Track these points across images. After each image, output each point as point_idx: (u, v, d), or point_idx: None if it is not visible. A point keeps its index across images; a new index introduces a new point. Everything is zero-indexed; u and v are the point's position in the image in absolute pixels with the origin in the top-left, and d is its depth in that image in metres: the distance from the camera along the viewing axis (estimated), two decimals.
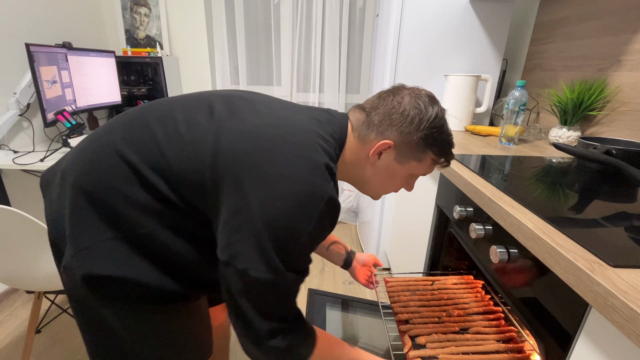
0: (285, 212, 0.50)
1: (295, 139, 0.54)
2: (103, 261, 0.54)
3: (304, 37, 2.17)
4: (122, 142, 0.55)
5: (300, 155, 0.53)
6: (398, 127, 0.61)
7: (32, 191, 1.72)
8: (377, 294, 0.98)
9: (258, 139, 0.53)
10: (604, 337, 0.43)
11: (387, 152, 0.63)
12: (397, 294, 0.94)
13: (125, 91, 2.24)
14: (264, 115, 0.57)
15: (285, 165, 0.51)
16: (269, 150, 0.52)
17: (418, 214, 1.29)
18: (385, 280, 1.01)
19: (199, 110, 0.57)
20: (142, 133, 0.55)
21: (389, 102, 0.62)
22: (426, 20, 1.44)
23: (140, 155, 0.54)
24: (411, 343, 0.76)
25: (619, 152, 0.85)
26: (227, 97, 0.60)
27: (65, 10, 1.89)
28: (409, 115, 0.60)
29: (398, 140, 0.61)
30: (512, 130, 1.18)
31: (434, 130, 0.61)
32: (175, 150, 0.53)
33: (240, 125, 0.55)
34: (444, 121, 0.63)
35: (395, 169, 0.65)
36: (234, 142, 0.52)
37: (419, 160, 0.64)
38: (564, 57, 1.32)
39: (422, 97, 0.62)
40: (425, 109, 0.61)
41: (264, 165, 0.51)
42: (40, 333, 1.40)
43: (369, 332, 1.01)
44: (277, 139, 0.53)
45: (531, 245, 0.55)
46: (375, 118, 0.62)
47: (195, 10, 2.21)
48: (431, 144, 0.62)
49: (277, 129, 0.55)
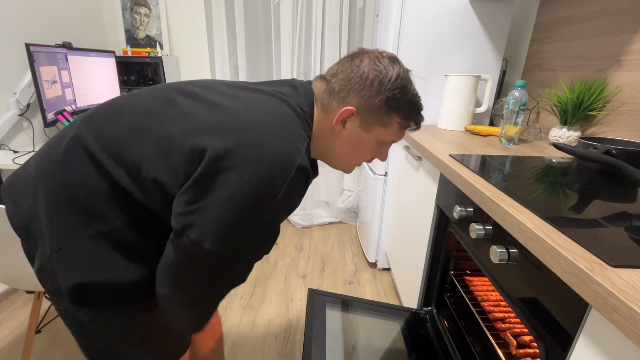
0: (251, 181, 0.48)
1: (279, 130, 0.52)
2: (78, 264, 0.52)
3: (304, 37, 2.17)
4: (88, 136, 0.53)
5: (283, 148, 0.51)
6: (358, 92, 0.58)
7: None
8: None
9: (241, 134, 0.50)
10: (604, 337, 0.43)
11: (350, 119, 0.61)
12: (484, 292, 0.94)
13: (125, 91, 2.24)
14: (236, 101, 0.55)
15: (266, 152, 0.50)
16: (255, 147, 0.49)
17: (418, 214, 1.29)
18: (467, 279, 1.03)
19: (160, 102, 0.55)
20: (108, 126, 0.54)
21: (347, 66, 0.60)
22: (426, 20, 1.44)
23: (103, 147, 0.52)
24: (515, 342, 0.77)
25: (619, 152, 0.85)
26: (188, 88, 0.58)
27: (65, 10, 1.89)
28: (367, 78, 0.58)
29: (360, 105, 0.59)
30: (512, 130, 1.18)
31: (396, 91, 0.59)
32: (144, 142, 0.51)
33: (218, 116, 0.52)
34: (407, 82, 0.60)
35: (361, 136, 0.63)
36: (215, 137, 0.49)
37: (384, 126, 0.62)
38: (564, 57, 1.32)
39: (382, 58, 0.60)
40: (385, 70, 0.58)
41: (247, 156, 0.49)
42: (40, 333, 1.40)
43: (369, 332, 1.01)
44: (260, 133, 0.51)
45: (531, 245, 0.55)
46: (335, 85, 0.60)
47: (195, 10, 2.21)
48: (395, 106, 0.60)
49: (257, 120, 0.52)
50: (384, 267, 1.92)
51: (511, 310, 0.93)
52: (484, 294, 1.03)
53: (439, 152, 1.05)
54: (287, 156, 0.50)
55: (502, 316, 0.94)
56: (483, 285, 1.07)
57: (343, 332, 0.99)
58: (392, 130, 0.63)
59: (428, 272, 1.16)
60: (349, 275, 1.87)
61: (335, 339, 0.96)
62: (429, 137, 1.30)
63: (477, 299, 1.02)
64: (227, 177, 0.48)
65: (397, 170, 1.64)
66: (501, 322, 0.93)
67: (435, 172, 1.13)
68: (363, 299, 1.14)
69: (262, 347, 1.37)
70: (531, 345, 0.84)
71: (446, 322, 1.09)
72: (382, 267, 1.91)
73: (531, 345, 0.84)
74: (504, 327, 0.91)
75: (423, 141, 1.21)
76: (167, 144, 0.50)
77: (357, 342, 0.96)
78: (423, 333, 1.05)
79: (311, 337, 0.93)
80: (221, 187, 0.48)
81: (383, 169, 1.68)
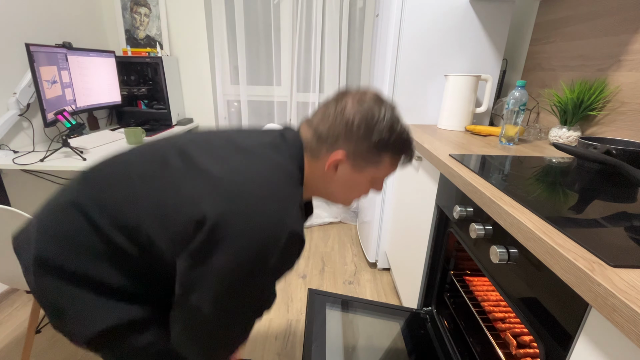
0: (244, 250, 0.49)
1: (270, 196, 0.52)
2: (91, 317, 0.54)
3: (304, 37, 2.17)
4: (88, 205, 0.54)
5: (276, 213, 0.51)
6: (346, 138, 0.59)
7: (32, 191, 1.72)
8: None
9: (234, 203, 0.50)
10: (604, 337, 0.43)
11: (342, 164, 0.62)
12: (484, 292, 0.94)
13: (125, 91, 2.24)
14: (228, 164, 0.55)
15: (260, 217, 0.51)
16: (247, 216, 0.50)
17: (418, 214, 1.29)
18: (467, 279, 1.03)
19: (155, 165, 0.57)
20: (107, 194, 0.55)
21: (332, 111, 0.60)
22: (426, 20, 1.44)
23: (102, 213, 0.54)
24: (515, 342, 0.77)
25: (619, 152, 0.85)
26: (182, 147, 0.59)
27: (65, 10, 1.89)
28: (354, 123, 0.58)
29: (349, 150, 0.60)
30: (512, 130, 1.18)
31: (383, 133, 0.59)
32: (142, 207, 0.53)
33: (211, 185, 0.52)
34: (393, 120, 0.60)
35: (354, 177, 0.64)
36: (209, 207, 0.50)
37: (376, 165, 0.62)
38: (564, 57, 1.32)
39: (366, 100, 0.60)
40: (371, 112, 0.59)
41: (239, 226, 0.50)
42: (40, 333, 1.40)
43: (369, 332, 1.01)
44: (252, 201, 0.51)
45: (531, 245, 0.55)
46: (322, 131, 0.60)
47: (195, 10, 2.21)
48: (384, 147, 0.60)
49: (249, 187, 0.52)
50: (384, 267, 1.92)
51: (511, 310, 0.93)
52: (484, 294, 1.03)
53: (439, 152, 1.05)
54: (279, 223, 0.51)
55: (502, 316, 0.94)
56: (483, 285, 1.07)
57: (343, 332, 0.99)
58: (384, 168, 0.64)
59: (428, 272, 1.16)
60: (349, 275, 1.87)
61: (335, 339, 0.96)
62: (429, 137, 1.30)
63: (477, 299, 1.02)
64: (221, 248, 0.49)
65: (397, 170, 1.64)
66: (501, 322, 0.93)
67: (435, 172, 1.13)
68: (363, 299, 1.14)
69: (262, 347, 1.37)
70: (531, 345, 0.84)
71: (446, 322, 1.09)
72: (382, 267, 1.91)
73: (531, 345, 0.84)
74: (504, 327, 0.91)
75: (423, 141, 1.21)
76: (164, 213, 0.52)
77: (357, 342, 0.96)
78: (423, 333, 1.05)
79: (311, 337, 0.93)
80: (216, 256, 0.49)
81: None
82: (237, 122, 2.49)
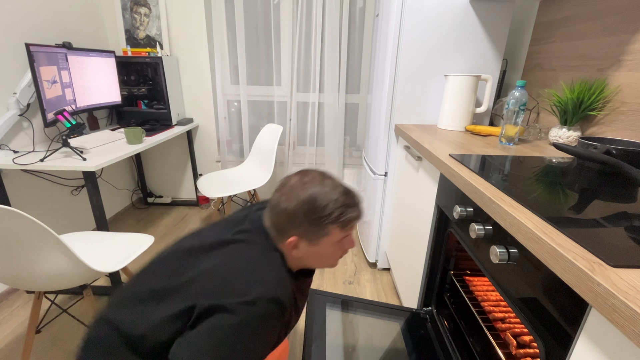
0: (227, 325, 0.60)
1: (248, 276, 0.65)
2: None
3: (304, 37, 2.17)
4: (114, 320, 0.69)
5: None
6: (293, 226, 0.69)
7: (32, 191, 1.72)
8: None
9: (220, 293, 0.63)
10: (604, 337, 0.43)
11: (299, 244, 0.71)
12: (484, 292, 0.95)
13: (125, 91, 2.24)
14: (210, 261, 0.68)
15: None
16: (229, 297, 0.62)
17: (418, 214, 1.29)
18: (467, 280, 1.05)
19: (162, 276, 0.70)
20: (126, 310, 0.69)
21: (275, 202, 0.70)
22: (426, 20, 1.44)
23: (122, 324, 0.67)
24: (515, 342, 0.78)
25: (619, 152, 0.85)
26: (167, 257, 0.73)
27: (65, 10, 1.89)
28: (296, 214, 0.68)
29: (299, 233, 0.70)
30: (512, 130, 1.18)
31: (322, 215, 0.68)
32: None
33: (204, 282, 0.65)
34: (328, 200, 0.68)
35: (315, 250, 0.72)
36: (203, 300, 0.62)
37: (327, 236, 0.70)
38: (564, 57, 1.32)
39: (300, 187, 0.69)
40: (306, 200, 0.67)
41: (225, 307, 0.61)
42: (40, 333, 1.40)
43: (369, 332, 1.01)
44: (235, 283, 0.64)
45: (531, 245, 0.55)
46: (275, 224, 0.71)
47: (195, 10, 2.21)
48: (326, 222, 0.69)
49: (229, 273, 0.65)
50: (384, 267, 1.92)
51: (511, 310, 0.93)
52: (484, 294, 1.03)
53: (439, 152, 1.05)
54: (256, 297, 0.61)
55: (502, 316, 0.94)
56: (483, 285, 1.07)
57: (343, 332, 0.99)
58: (336, 234, 0.71)
59: (428, 272, 1.16)
60: (349, 275, 1.87)
61: (335, 339, 0.96)
62: (429, 137, 1.30)
63: (477, 299, 1.02)
64: (207, 324, 0.61)
65: (397, 170, 1.64)
66: (501, 322, 0.93)
67: (435, 172, 1.13)
68: (363, 299, 1.14)
69: None
70: (531, 345, 0.84)
71: (446, 322, 1.09)
72: (382, 267, 1.91)
73: (531, 345, 0.84)
74: (504, 327, 0.91)
75: (423, 141, 1.21)
76: (169, 316, 0.65)
77: (357, 342, 0.96)
78: (423, 333, 1.05)
79: (311, 337, 0.93)
80: (204, 332, 0.61)
81: (383, 169, 1.68)
82: (237, 122, 2.49)
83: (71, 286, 1.05)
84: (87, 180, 1.40)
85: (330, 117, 2.31)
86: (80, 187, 2.06)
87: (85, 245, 1.27)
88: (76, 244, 1.28)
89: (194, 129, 2.52)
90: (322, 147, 2.45)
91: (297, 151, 2.48)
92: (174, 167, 2.63)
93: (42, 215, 1.79)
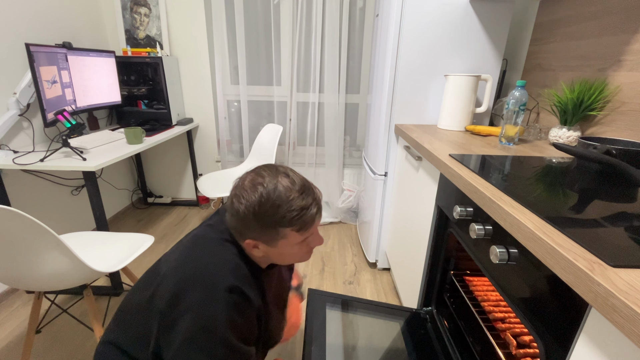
0: (193, 321, 0.60)
1: (202, 272, 0.64)
2: None
3: (304, 37, 2.17)
4: (113, 338, 0.72)
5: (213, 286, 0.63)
6: (248, 229, 0.66)
7: (32, 191, 1.72)
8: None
9: (178, 297, 0.63)
10: (604, 337, 0.43)
11: (257, 245, 0.68)
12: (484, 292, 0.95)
13: (125, 91, 2.24)
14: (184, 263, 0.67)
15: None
16: (188, 298, 0.62)
17: (418, 214, 1.29)
18: (467, 280, 1.05)
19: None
20: (122, 326, 0.72)
21: (229, 203, 0.68)
22: (426, 20, 1.44)
23: (119, 338, 0.71)
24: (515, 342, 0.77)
25: (619, 152, 0.85)
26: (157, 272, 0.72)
27: (65, 10, 1.89)
28: (244, 217, 0.65)
29: (254, 236, 0.67)
30: (512, 130, 1.18)
31: (274, 220, 0.64)
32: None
33: (169, 292, 0.64)
34: (280, 202, 0.64)
35: (277, 250, 0.69)
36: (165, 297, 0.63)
37: (284, 238, 0.67)
38: (564, 57, 1.32)
39: (245, 190, 0.65)
40: (257, 203, 0.64)
41: (183, 306, 0.62)
42: (40, 333, 1.40)
43: (369, 332, 1.01)
44: (194, 280, 0.64)
45: (531, 245, 0.55)
46: (230, 224, 0.69)
47: (195, 10, 2.21)
48: (280, 227, 0.65)
49: (195, 278, 0.64)
50: (384, 267, 1.92)
51: (511, 310, 0.93)
52: (484, 294, 1.03)
53: (439, 152, 1.05)
54: (212, 290, 0.61)
55: (502, 316, 0.94)
56: (483, 285, 1.07)
57: (343, 332, 0.99)
58: (294, 236, 0.68)
59: (428, 272, 1.16)
60: (349, 275, 1.87)
61: (335, 339, 0.96)
62: (429, 137, 1.30)
63: (477, 299, 1.02)
64: (181, 335, 0.61)
65: (397, 170, 1.64)
66: (501, 322, 0.93)
67: (435, 172, 1.13)
68: (363, 299, 1.14)
69: None
70: (531, 345, 0.84)
71: (446, 322, 1.09)
72: (382, 267, 1.91)
73: (531, 345, 0.84)
74: (504, 327, 0.91)
75: (423, 141, 1.21)
76: (145, 329, 0.66)
77: (357, 342, 0.96)
78: (423, 333, 1.05)
79: (311, 337, 0.93)
80: (186, 342, 0.61)
81: (383, 169, 1.68)
82: (237, 122, 2.49)
83: (71, 286, 1.05)
84: (87, 180, 1.40)
85: (330, 117, 2.31)
86: (80, 187, 2.06)
87: (85, 245, 1.27)
88: (76, 244, 1.28)
89: (194, 129, 2.52)
90: (322, 147, 2.45)
91: (297, 151, 2.48)
92: (174, 167, 2.63)
93: (42, 215, 1.79)
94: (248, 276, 0.68)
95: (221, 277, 0.63)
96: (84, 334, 1.39)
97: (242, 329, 0.65)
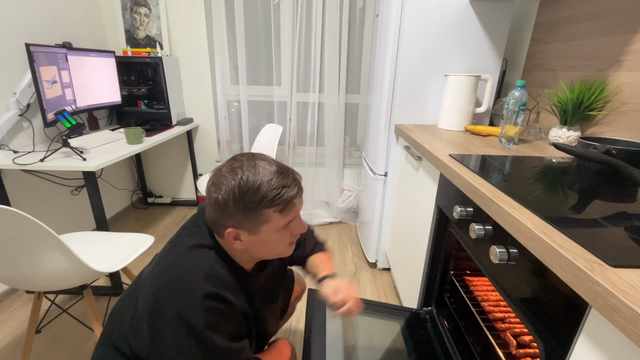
0: (174, 334, 0.61)
1: (176, 288, 0.63)
2: None
3: (304, 37, 2.17)
4: (112, 335, 0.74)
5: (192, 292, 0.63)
6: (226, 217, 0.65)
7: (32, 191, 1.72)
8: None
9: (156, 303, 0.63)
10: (604, 337, 0.43)
11: (239, 235, 0.66)
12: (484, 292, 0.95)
13: (125, 91, 2.24)
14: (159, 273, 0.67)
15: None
16: (166, 311, 0.62)
17: (418, 214, 1.29)
18: (467, 280, 1.06)
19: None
20: (116, 326, 0.74)
21: (207, 194, 0.66)
22: (426, 20, 1.44)
23: (115, 337, 0.73)
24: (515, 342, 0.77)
25: (619, 152, 0.85)
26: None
27: (65, 10, 1.89)
28: (224, 202, 0.63)
29: (235, 224, 0.65)
30: (512, 130, 1.18)
31: (254, 200, 0.63)
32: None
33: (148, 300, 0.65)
34: (260, 182, 0.63)
35: (259, 240, 0.68)
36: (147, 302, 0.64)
37: (267, 222, 0.66)
38: (564, 57, 1.32)
39: (222, 175, 0.64)
40: (237, 185, 0.62)
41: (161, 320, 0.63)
42: (40, 333, 1.40)
43: (369, 332, 1.01)
44: (168, 297, 0.64)
45: (531, 245, 0.55)
46: (209, 216, 0.67)
47: (195, 10, 2.21)
48: (262, 208, 0.64)
49: (163, 288, 0.64)
50: (384, 267, 1.92)
51: (511, 310, 0.93)
52: (484, 294, 1.03)
53: (439, 152, 1.05)
54: (188, 300, 0.61)
55: (502, 316, 0.94)
56: (483, 285, 1.07)
57: (343, 332, 0.99)
58: (277, 219, 0.66)
59: (428, 272, 1.16)
60: (349, 275, 1.87)
61: (335, 339, 0.96)
62: (429, 137, 1.30)
63: (477, 299, 1.02)
64: (169, 344, 0.63)
65: (397, 170, 1.64)
66: (501, 322, 0.93)
67: (435, 172, 1.13)
68: (363, 299, 1.14)
69: None
70: (531, 345, 0.84)
71: (446, 322, 1.09)
72: (382, 267, 1.91)
73: (531, 345, 0.84)
74: (504, 327, 0.91)
75: (423, 141, 1.21)
76: (142, 332, 0.67)
77: (357, 342, 0.96)
78: (423, 333, 1.05)
79: (311, 337, 0.93)
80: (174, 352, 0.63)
81: (383, 169, 1.68)
82: (237, 122, 2.49)
83: (71, 286, 1.05)
84: (87, 180, 1.40)
85: (330, 117, 2.31)
86: (80, 187, 2.06)
87: (85, 245, 1.27)
88: (76, 244, 1.28)
89: (194, 129, 2.52)
90: (322, 147, 2.45)
91: (297, 151, 2.48)
92: (174, 167, 2.63)
93: (42, 215, 1.79)
94: (225, 278, 0.67)
95: (196, 285, 0.63)
96: (84, 334, 1.39)
97: (227, 330, 0.65)
